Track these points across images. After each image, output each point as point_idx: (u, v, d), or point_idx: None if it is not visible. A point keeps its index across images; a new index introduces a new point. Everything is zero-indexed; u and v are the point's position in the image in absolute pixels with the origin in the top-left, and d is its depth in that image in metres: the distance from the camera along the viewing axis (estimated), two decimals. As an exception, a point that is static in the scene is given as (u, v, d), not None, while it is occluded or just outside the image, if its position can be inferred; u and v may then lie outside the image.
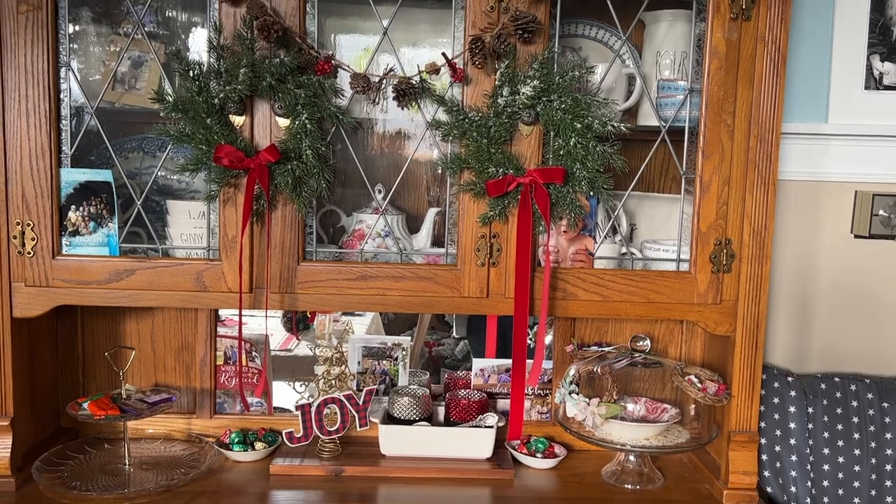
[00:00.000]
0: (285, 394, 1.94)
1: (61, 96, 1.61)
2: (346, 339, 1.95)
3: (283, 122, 1.61)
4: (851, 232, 2.03)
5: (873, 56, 1.96)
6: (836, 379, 1.95)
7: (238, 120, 1.60)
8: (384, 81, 1.61)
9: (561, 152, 1.63)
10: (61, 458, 1.75)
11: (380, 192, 1.78)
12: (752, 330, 1.70)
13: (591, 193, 1.65)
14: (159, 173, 1.74)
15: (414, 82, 1.60)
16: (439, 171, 1.82)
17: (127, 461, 1.76)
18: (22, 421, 1.70)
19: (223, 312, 1.95)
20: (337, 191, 1.81)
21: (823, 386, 1.94)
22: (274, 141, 1.61)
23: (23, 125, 1.58)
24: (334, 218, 1.84)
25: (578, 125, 1.59)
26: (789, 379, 1.94)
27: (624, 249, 1.78)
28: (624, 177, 1.68)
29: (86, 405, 1.71)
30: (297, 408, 1.81)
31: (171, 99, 1.57)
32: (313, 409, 1.80)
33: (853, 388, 1.93)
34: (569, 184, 1.64)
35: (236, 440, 1.85)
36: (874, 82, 1.97)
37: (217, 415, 1.95)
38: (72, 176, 1.63)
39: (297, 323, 2.04)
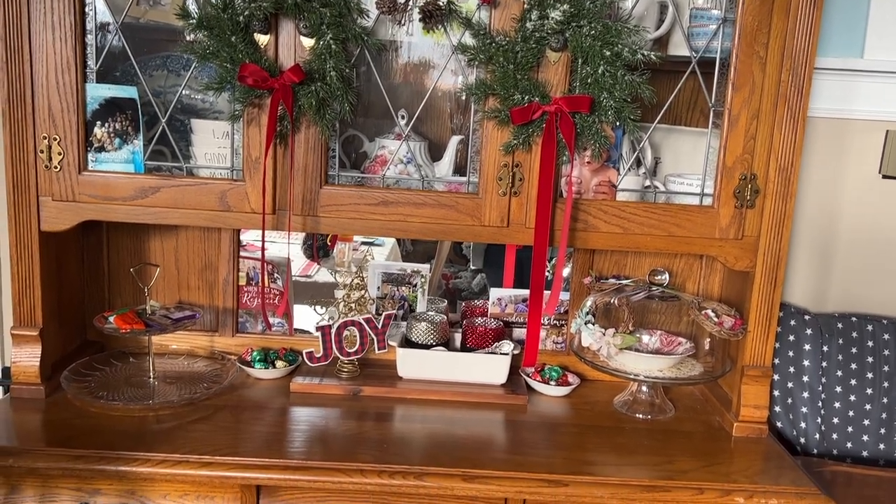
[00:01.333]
0: (306, 316, 1.97)
1: (86, 10, 1.60)
2: (366, 267, 1.97)
3: (308, 43, 1.59)
4: (880, 172, 2.00)
5: (916, -10, 1.89)
6: (853, 318, 1.96)
7: (263, 39, 1.59)
8: (411, 2, 1.58)
9: (588, 80, 1.60)
10: (88, 369, 1.80)
11: (403, 117, 1.77)
12: (773, 266, 1.70)
13: (618, 124, 1.63)
14: (184, 92, 1.73)
15: (441, 4, 1.57)
16: (463, 99, 1.81)
17: (151, 374, 1.81)
18: (50, 332, 1.74)
19: (244, 238, 1.97)
20: (360, 116, 1.80)
21: (840, 325, 1.94)
22: (298, 61, 1.60)
23: (48, 38, 1.58)
24: (357, 143, 1.84)
25: (607, 53, 1.56)
26: (806, 317, 1.95)
27: (647, 182, 1.77)
28: (651, 108, 1.66)
29: (112, 319, 1.76)
30: (317, 329, 1.85)
31: (195, 16, 1.56)
32: (333, 330, 1.84)
33: (870, 328, 1.94)
34: (595, 113, 1.62)
35: (258, 358, 1.89)
36: (915, 18, 1.90)
37: (239, 333, 1.99)
38: (97, 91, 1.63)
39: (318, 250, 2.06)
